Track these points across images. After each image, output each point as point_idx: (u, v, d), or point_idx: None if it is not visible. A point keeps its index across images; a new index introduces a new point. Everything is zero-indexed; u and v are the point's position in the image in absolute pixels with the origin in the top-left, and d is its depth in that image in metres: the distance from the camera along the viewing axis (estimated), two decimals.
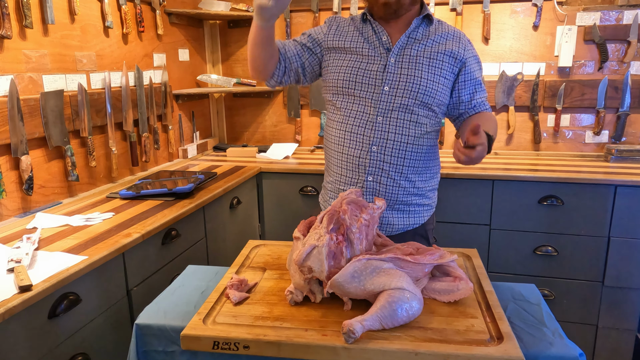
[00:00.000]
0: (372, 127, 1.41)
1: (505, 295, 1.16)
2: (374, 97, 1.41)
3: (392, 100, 1.40)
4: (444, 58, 1.42)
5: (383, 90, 1.40)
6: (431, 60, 1.42)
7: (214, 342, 0.93)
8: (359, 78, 1.42)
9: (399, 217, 1.48)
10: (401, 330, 0.94)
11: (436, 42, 1.44)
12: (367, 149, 1.42)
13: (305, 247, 1.02)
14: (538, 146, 2.72)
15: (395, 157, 1.42)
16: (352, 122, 1.44)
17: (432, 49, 1.43)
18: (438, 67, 1.42)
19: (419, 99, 1.40)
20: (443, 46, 1.44)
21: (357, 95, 1.43)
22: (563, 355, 0.93)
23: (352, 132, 1.44)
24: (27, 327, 1.15)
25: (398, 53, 1.42)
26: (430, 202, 1.56)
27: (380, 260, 1.00)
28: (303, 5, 2.85)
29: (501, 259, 2.34)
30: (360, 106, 1.43)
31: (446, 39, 1.45)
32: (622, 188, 2.13)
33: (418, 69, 1.40)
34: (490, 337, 0.92)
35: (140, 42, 2.37)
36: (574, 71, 2.61)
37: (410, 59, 1.41)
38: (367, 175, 1.43)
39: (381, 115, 1.41)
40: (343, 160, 1.47)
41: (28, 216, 1.71)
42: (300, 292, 1.05)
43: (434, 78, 1.41)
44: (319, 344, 0.90)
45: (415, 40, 1.43)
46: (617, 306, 2.25)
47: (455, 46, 1.44)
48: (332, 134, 1.50)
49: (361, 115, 1.43)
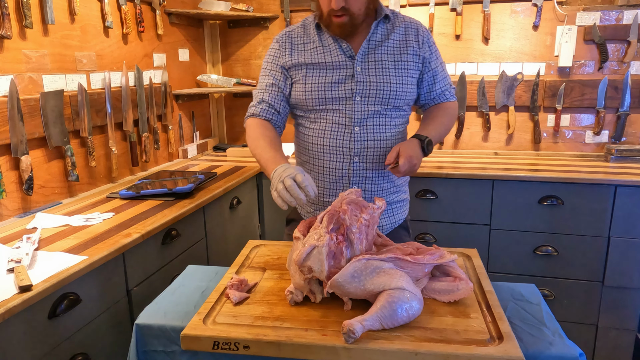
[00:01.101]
0: (351, 139, 1.40)
1: (505, 295, 1.16)
2: (347, 109, 1.40)
3: (365, 109, 1.39)
4: (408, 58, 1.41)
5: (355, 100, 1.39)
6: (396, 63, 1.40)
7: (214, 342, 0.93)
8: (329, 93, 1.40)
9: (386, 218, 1.50)
10: (401, 330, 0.93)
11: (397, 40, 1.42)
12: (349, 161, 1.42)
13: (305, 247, 1.02)
14: (538, 146, 2.72)
15: (377, 163, 1.43)
16: (330, 135, 1.42)
17: (395, 50, 1.41)
18: (404, 67, 1.41)
19: (391, 103, 1.41)
20: (405, 44, 1.42)
21: (331, 109, 1.41)
22: (563, 355, 0.93)
23: (331, 146, 1.42)
24: (27, 327, 1.15)
25: (363, 60, 1.40)
26: (407, 194, 1.59)
27: (380, 260, 1.00)
28: (303, 5, 2.85)
29: (501, 259, 2.33)
30: (336, 118, 1.41)
31: (406, 33, 1.43)
32: (622, 188, 2.13)
33: (385, 74, 1.39)
34: (490, 337, 0.92)
35: (140, 42, 2.37)
36: (574, 71, 2.61)
37: (376, 65, 1.39)
38: (351, 185, 1.44)
39: (357, 125, 1.40)
40: (324, 174, 1.46)
41: (28, 216, 1.71)
42: (300, 292, 1.05)
43: (402, 80, 1.40)
44: (319, 344, 0.90)
45: (377, 43, 1.41)
46: (617, 306, 2.25)
47: (415, 41, 1.43)
48: (309, 148, 1.47)
49: (337, 127, 1.41)
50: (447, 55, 2.73)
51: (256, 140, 1.38)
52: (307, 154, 1.48)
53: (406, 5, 2.72)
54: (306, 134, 1.47)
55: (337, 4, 1.29)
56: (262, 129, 1.41)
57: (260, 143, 1.36)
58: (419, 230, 2.39)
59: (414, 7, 2.72)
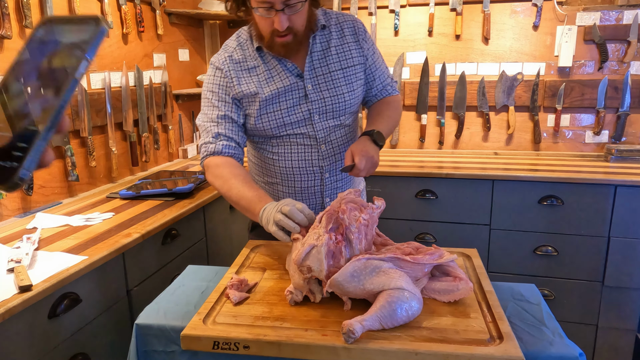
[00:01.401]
0: (319, 157, 1.39)
1: (505, 295, 1.16)
2: (309, 130, 1.36)
3: (326, 125, 1.37)
4: (354, 61, 1.38)
5: (314, 120, 1.36)
6: (344, 70, 1.36)
7: (214, 342, 0.93)
8: (287, 119, 1.35)
9: None
10: (401, 330, 0.93)
11: (338, 45, 1.37)
12: (320, 178, 1.41)
13: (304, 247, 1.02)
14: (538, 146, 2.72)
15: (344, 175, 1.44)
16: (297, 157, 1.39)
17: (339, 56, 1.36)
18: (352, 73, 1.38)
19: (347, 112, 1.40)
20: (347, 47, 1.37)
21: (292, 133, 1.37)
22: (563, 355, 0.93)
23: (301, 167, 1.39)
24: (27, 327, 1.15)
25: (311, 76, 1.34)
26: (364, 184, 1.61)
27: (380, 260, 1.00)
28: None
29: (501, 259, 2.33)
30: (300, 140, 1.37)
31: (344, 35, 1.38)
32: (622, 188, 2.13)
33: (337, 85, 1.35)
34: (490, 336, 0.92)
35: (140, 42, 2.37)
36: (574, 71, 2.61)
37: (325, 78, 1.35)
38: (324, 199, 1.43)
39: (323, 143, 1.38)
40: (296, 193, 1.43)
41: (28, 216, 1.71)
42: (300, 292, 1.05)
43: (353, 87, 1.38)
44: (319, 344, 0.90)
45: (320, 54, 1.36)
46: (617, 306, 2.25)
47: (355, 41, 1.39)
48: (276, 171, 1.43)
49: (304, 148, 1.38)
50: (447, 55, 2.73)
51: (228, 181, 1.29)
52: (275, 176, 1.44)
53: (406, 5, 2.72)
54: (271, 158, 1.42)
55: (282, 25, 1.22)
56: (229, 168, 1.31)
57: (234, 184, 1.27)
58: (419, 230, 2.39)
59: (414, 7, 2.72)
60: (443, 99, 2.75)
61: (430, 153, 2.80)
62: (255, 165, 1.50)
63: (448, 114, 2.79)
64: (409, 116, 2.85)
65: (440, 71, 2.74)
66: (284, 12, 1.21)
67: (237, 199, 1.27)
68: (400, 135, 2.87)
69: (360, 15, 2.78)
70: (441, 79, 2.74)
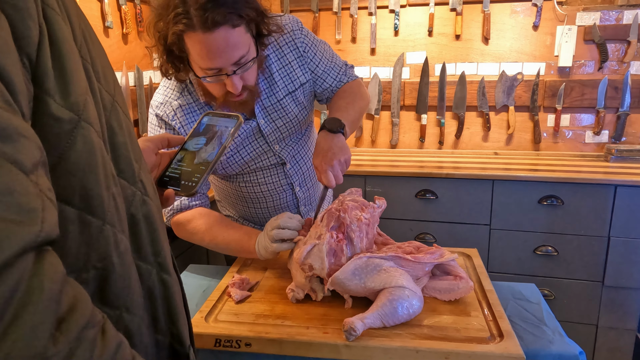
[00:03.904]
0: (286, 175, 1.36)
1: (505, 294, 1.16)
2: (271, 159, 1.33)
3: (287, 149, 1.34)
4: (300, 82, 1.29)
5: (274, 149, 1.31)
6: (292, 94, 1.29)
7: (216, 339, 0.94)
8: (246, 157, 1.30)
9: None
10: (402, 328, 0.94)
11: (281, 67, 1.26)
12: (292, 193, 1.40)
13: (305, 245, 1.02)
14: (538, 146, 2.73)
15: (314, 180, 1.44)
16: (264, 180, 1.36)
17: (285, 80, 1.27)
18: (300, 94, 1.30)
19: (302, 129, 1.37)
20: (289, 67, 1.27)
21: (258, 168, 1.34)
22: (563, 353, 0.94)
23: (270, 189, 1.37)
24: None
25: (261, 110, 1.27)
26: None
27: (381, 258, 1.00)
28: (303, 6, 2.85)
29: (501, 259, 2.34)
30: (264, 166, 1.34)
31: (284, 54, 1.27)
32: (622, 188, 2.13)
33: (287, 111, 1.28)
34: (490, 335, 0.92)
35: (140, 42, 2.37)
36: (574, 71, 2.61)
37: (275, 107, 1.27)
38: (300, 208, 1.42)
39: (288, 163, 1.35)
40: (270, 211, 1.41)
41: None
42: (301, 290, 1.06)
43: (304, 105, 1.32)
44: (321, 342, 0.91)
45: (265, 85, 1.26)
46: (617, 306, 2.25)
47: (297, 57, 1.28)
48: (245, 197, 1.40)
49: (269, 171, 1.35)
50: (447, 55, 2.74)
51: (208, 231, 1.23)
52: (247, 202, 1.41)
53: (406, 5, 2.72)
54: (238, 187, 1.39)
55: (236, 88, 1.12)
56: (203, 219, 1.25)
57: (216, 231, 1.23)
58: (419, 230, 2.40)
59: (414, 7, 2.72)
60: (443, 99, 2.76)
61: (430, 153, 2.81)
62: (225, 195, 1.46)
63: (448, 114, 2.79)
64: (409, 116, 2.85)
65: (440, 71, 2.74)
66: (235, 74, 1.10)
67: (225, 244, 1.23)
68: (400, 135, 2.88)
69: (360, 15, 2.79)
70: (441, 79, 2.74)
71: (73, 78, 0.37)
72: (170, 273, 0.52)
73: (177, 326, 0.52)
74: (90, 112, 0.39)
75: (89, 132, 0.38)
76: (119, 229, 0.42)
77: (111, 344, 0.34)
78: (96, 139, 0.39)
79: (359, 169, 2.41)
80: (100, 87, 0.43)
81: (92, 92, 0.41)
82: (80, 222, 0.38)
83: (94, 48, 0.44)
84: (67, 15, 0.39)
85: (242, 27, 1.05)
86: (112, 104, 0.45)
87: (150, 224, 0.49)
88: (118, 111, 0.46)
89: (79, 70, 0.38)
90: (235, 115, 0.82)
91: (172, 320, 0.52)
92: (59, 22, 0.38)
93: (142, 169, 0.50)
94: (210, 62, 1.07)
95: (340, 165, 1.11)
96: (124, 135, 0.46)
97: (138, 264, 0.47)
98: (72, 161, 0.37)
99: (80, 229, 0.38)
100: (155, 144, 0.78)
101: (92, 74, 0.42)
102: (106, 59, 0.48)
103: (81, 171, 0.37)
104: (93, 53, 0.43)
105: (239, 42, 1.06)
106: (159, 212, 0.54)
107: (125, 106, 0.49)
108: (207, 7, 0.99)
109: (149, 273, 0.49)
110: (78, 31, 0.41)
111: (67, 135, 0.36)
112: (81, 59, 0.40)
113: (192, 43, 1.05)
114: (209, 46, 1.03)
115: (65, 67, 0.36)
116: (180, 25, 1.01)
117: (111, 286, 0.41)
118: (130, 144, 0.47)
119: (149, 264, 0.49)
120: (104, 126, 0.43)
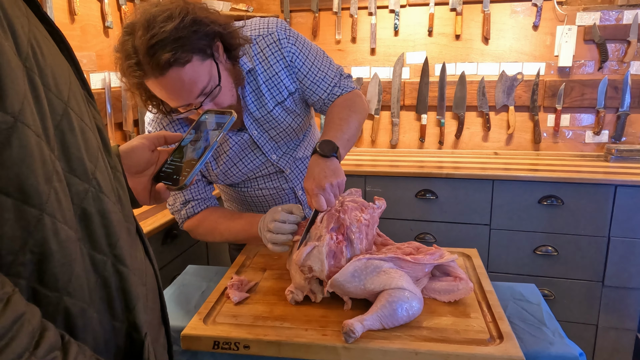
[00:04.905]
0: (287, 180, 1.38)
1: (505, 295, 1.16)
2: (269, 168, 1.34)
3: (285, 158, 1.34)
4: (288, 92, 1.27)
5: (272, 159, 1.32)
6: (281, 104, 1.27)
7: (214, 342, 0.93)
8: (245, 169, 1.32)
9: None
10: (401, 330, 0.93)
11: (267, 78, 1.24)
12: (294, 195, 1.41)
13: (305, 247, 1.02)
14: (538, 146, 2.72)
15: None
16: (265, 186, 1.38)
17: (272, 91, 1.25)
18: (290, 103, 1.28)
19: (298, 136, 1.36)
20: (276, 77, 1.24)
21: (259, 176, 1.35)
22: (563, 354, 0.93)
23: (272, 194, 1.39)
24: None
25: (253, 123, 1.26)
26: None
27: (381, 259, 1.00)
28: (303, 6, 2.85)
29: (501, 259, 2.34)
30: (267, 177, 1.36)
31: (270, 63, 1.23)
32: (622, 188, 2.13)
33: (279, 121, 1.28)
34: (490, 336, 0.92)
35: None
36: (574, 71, 2.61)
37: (266, 118, 1.26)
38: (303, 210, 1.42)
39: (288, 168, 1.36)
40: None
41: None
42: (300, 292, 1.05)
43: (296, 113, 1.31)
44: (319, 344, 0.90)
45: (252, 98, 1.24)
46: (617, 306, 2.25)
47: (284, 67, 1.24)
48: (249, 201, 1.43)
49: (270, 178, 1.36)
50: (447, 55, 2.73)
51: (217, 228, 1.27)
52: (250, 205, 1.44)
53: (406, 5, 2.72)
54: (241, 193, 1.41)
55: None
56: (210, 218, 1.30)
57: (223, 225, 1.27)
58: (419, 230, 2.40)
59: (414, 7, 2.72)
60: (443, 99, 2.75)
61: (430, 153, 2.80)
62: (230, 198, 1.49)
63: (448, 114, 2.79)
64: (409, 116, 2.85)
65: (440, 71, 2.74)
66: (205, 102, 1.09)
67: (234, 236, 1.27)
68: (400, 135, 2.87)
69: (360, 15, 2.78)
70: (441, 79, 2.74)
71: (8, 85, 0.42)
72: (126, 265, 0.56)
73: (133, 314, 0.57)
74: (28, 115, 0.44)
75: (26, 132, 0.43)
76: (61, 220, 0.47)
77: (10, 314, 0.38)
78: (34, 139, 0.44)
79: (359, 169, 2.41)
80: (51, 94, 0.48)
81: (36, 98, 0.46)
82: (16, 210, 0.43)
83: (47, 62, 0.49)
84: (12, 31, 0.44)
85: (194, 61, 1.03)
86: (65, 110, 0.50)
87: (105, 218, 0.54)
88: (70, 116, 0.51)
89: (17, 78, 0.43)
90: (229, 111, 0.86)
91: (128, 308, 0.56)
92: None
93: (98, 168, 0.54)
94: (174, 102, 1.08)
95: (332, 188, 1.05)
96: (76, 137, 0.51)
97: (92, 254, 0.52)
98: (7, 157, 0.42)
99: (16, 217, 0.43)
100: (151, 142, 0.82)
101: (39, 83, 0.47)
102: (64, 71, 0.52)
103: (16, 165, 0.42)
104: (43, 65, 0.48)
105: (193, 77, 1.04)
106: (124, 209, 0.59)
107: (83, 112, 0.54)
108: (153, 52, 0.99)
109: (104, 263, 0.53)
110: (25, 46, 0.46)
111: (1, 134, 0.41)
112: (25, 69, 0.45)
113: (152, 87, 1.07)
114: (166, 88, 1.05)
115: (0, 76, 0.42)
116: (136, 75, 1.03)
117: (50, 270, 0.46)
118: (84, 145, 0.52)
119: (104, 255, 0.53)
120: (50, 128, 0.47)
